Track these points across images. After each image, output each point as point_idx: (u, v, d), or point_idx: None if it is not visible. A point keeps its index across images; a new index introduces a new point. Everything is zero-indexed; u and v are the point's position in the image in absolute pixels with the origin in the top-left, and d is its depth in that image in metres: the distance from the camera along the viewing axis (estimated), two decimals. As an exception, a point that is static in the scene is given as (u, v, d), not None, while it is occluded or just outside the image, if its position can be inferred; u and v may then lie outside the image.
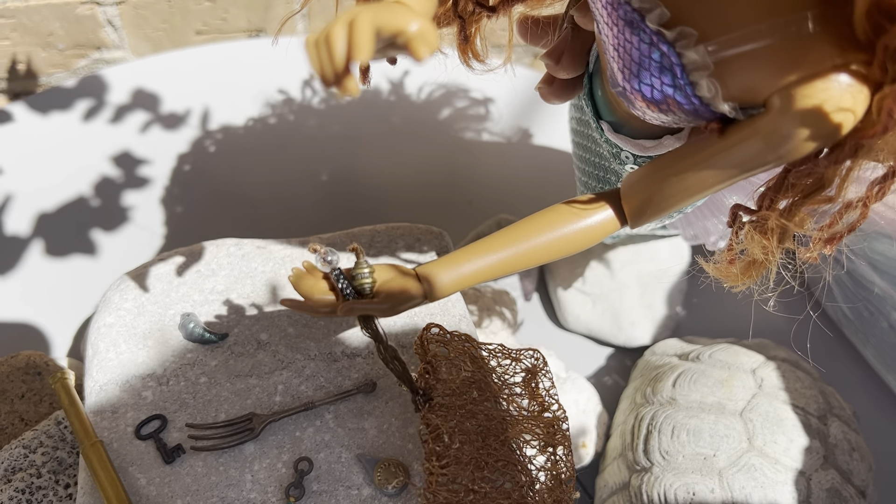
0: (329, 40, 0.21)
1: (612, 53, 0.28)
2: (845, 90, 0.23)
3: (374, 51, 0.21)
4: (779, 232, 0.29)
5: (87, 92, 0.65)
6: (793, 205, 0.28)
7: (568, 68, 0.36)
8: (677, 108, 0.27)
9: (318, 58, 0.21)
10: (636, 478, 0.45)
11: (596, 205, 0.33)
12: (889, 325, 0.53)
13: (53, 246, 0.57)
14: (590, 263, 0.58)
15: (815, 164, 0.26)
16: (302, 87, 0.68)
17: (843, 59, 0.23)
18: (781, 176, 0.28)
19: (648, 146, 0.35)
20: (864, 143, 0.24)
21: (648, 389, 0.49)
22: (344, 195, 0.63)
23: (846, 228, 0.28)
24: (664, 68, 0.26)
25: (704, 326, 0.58)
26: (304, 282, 0.33)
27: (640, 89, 0.27)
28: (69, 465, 0.40)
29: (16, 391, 0.45)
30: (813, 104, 0.24)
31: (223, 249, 0.43)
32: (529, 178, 0.64)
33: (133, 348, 0.39)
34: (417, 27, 0.20)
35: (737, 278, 0.32)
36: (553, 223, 0.34)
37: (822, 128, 0.24)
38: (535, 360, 0.39)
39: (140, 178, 0.62)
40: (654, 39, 0.26)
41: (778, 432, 0.44)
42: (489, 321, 0.53)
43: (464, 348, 0.38)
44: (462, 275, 0.33)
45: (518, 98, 0.69)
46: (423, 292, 0.34)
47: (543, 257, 0.34)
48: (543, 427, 0.37)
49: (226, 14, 0.72)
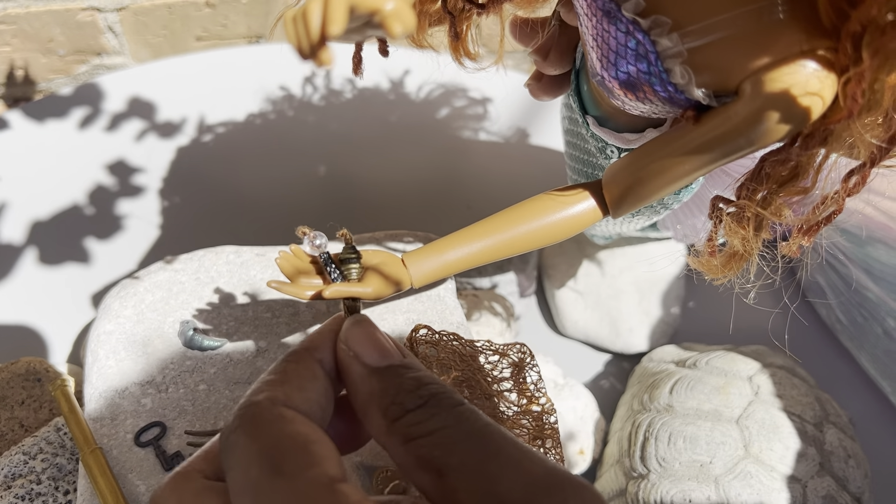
0: (305, 15, 0.22)
1: (592, 43, 0.29)
2: (812, 75, 0.24)
3: (347, 26, 0.21)
4: (755, 221, 0.30)
5: (86, 99, 0.66)
6: (769, 194, 0.29)
7: (555, 64, 0.38)
8: (653, 95, 0.28)
9: (295, 32, 0.22)
10: (633, 484, 0.45)
11: (578, 194, 0.35)
12: (883, 331, 0.53)
13: (52, 252, 0.58)
14: (588, 269, 0.58)
15: (788, 153, 0.27)
16: (301, 93, 0.68)
17: (809, 46, 0.24)
18: (758, 166, 0.29)
19: (632, 139, 0.36)
20: (833, 128, 0.25)
21: (645, 396, 0.49)
22: (342, 202, 0.63)
23: (823, 219, 0.29)
24: (640, 56, 0.27)
25: (702, 332, 0.58)
26: (291, 264, 0.34)
27: (617, 77, 0.29)
28: (69, 472, 0.40)
29: (16, 397, 0.45)
30: (781, 88, 0.25)
31: (222, 257, 0.44)
32: (529, 183, 0.64)
33: (132, 355, 0.39)
34: (392, 6, 0.21)
35: (718, 270, 0.33)
36: (536, 212, 0.35)
37: (791, 111, 0.25)
38: (522, 353, 0.39)
39: (139, 184, 0.62)
40: (629, 28, 0.27)
41: (774, 439, 0.44)
42: (487, 327, 0.53)
43: (453, 347, 0.38)
44: (447, 261, 0.35)
45: (517, 101, 0.69)
46: (409, 278, 0.35)
47: (527, 245, 0.35)
48: (532, 421, 0.37)
49: (226, 20, 0.73)
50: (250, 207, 0.62)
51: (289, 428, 0.20)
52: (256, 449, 0.19)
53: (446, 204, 0.64)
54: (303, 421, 0.21)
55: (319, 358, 0.24)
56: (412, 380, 0.22)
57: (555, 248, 0.60)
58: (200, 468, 0.21)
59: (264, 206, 0.62)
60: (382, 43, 0.33)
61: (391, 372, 0.23)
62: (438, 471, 0.20)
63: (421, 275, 0.35)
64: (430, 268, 0.35)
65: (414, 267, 0.35)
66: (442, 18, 0.35)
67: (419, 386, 0.22)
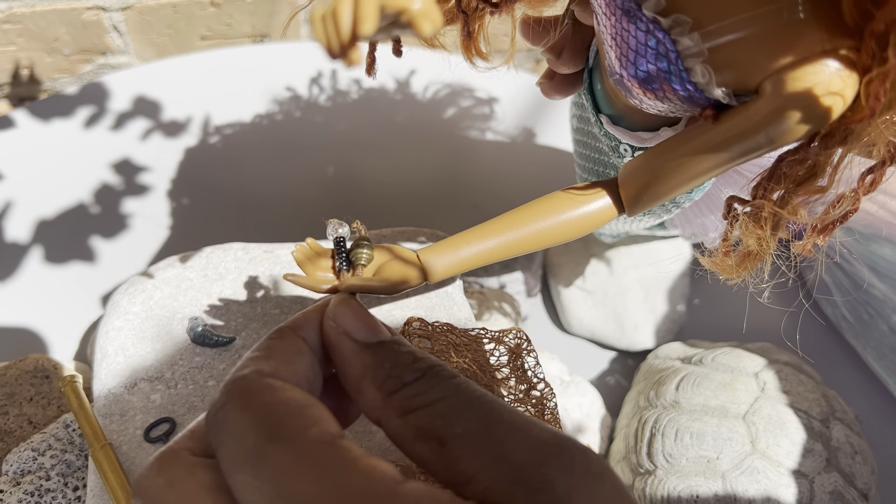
0: (336, 14, 0.22)
1: (610, 42, 0.29)
2: (834, 74, 0.24)
3: (378, 25, 0.22)
4: (772, 221, 0.30)
5: (91, 98, 0.66)
6: (786, 193, 0.29)
7: (568, 63, 0.38)
8: (672, 94, 0.28)
9: (325, 31, 0.22)
10: (640, 480, 0.45)
11: (594, 192, 0.35)
12: (889, 328, 0.53)
13: (58, 251, 0.58)
14: (593, 267, 0.58)
15: (806, 152, 0.27)
16: (307, 92, 0.68)
17: (832, 45, 0.24)
18: (775, 165, 0.29)
19: (646, 138, 0.36)
20: (854, 128, 0.25)
21: (652, 393, 0.49)
22: (349, 201, 0.63)
23: (839, 218, 0.29)
24: (660, 55, 0.27)
25: (707, 329, 0.58)
26: (307, 257, 0.34)
27: (637, 76, 0.28)
28: (78, 468, 0.41)
29: (24, 394, 0.45)
30: (803, 88, 0.25)
31: (230, 254, 0.44)
32: (536, 182, 0.65)
33: (141, 352, 0.39)
34: (420, 5, 0.21)
35: (732, 270, 0.33)
36: (552, 209, 0.35)
37: (812, 111, 0.25)
38: (519, 339, 0.39)
39: (146, 182, 0.62)
40: (650, 27, 0.27)
41: (781, 435, 0.44)
42: (495, 326, 0.54)
43: (447, 339, 0.38)
44: (461, 258, 0.35)
45: (524, 100, 0.70)
46: (423, 274, 0.35)
47: (542, 242, 0.35)
48: (531, 407, 0.37)
49: (230, 20, 0.73)
50: (257, 207, 0.62)
51: (280, 395, 0.20)
52: (249, 419, 0.19)
53: (453, 203, 0.64)
54: (292, 388, 0.20)
55: (303, 336, 0.23)
56: (407, 354, 0.22)
57: (561, 247, 0.60)
58: (187, 446, 0.21)
59: (271, 205, 0.62)
60: (396, 43, 0.33)
61: (385, 347, 0.22)
62: (440, 440, 0.19)
63: (436, 270, 0.35)
64: (446, 263, 0.35)
65: (429, 262, 0.35)
66: (455, 17, 0.35)
67: (415, 360, 0.22)
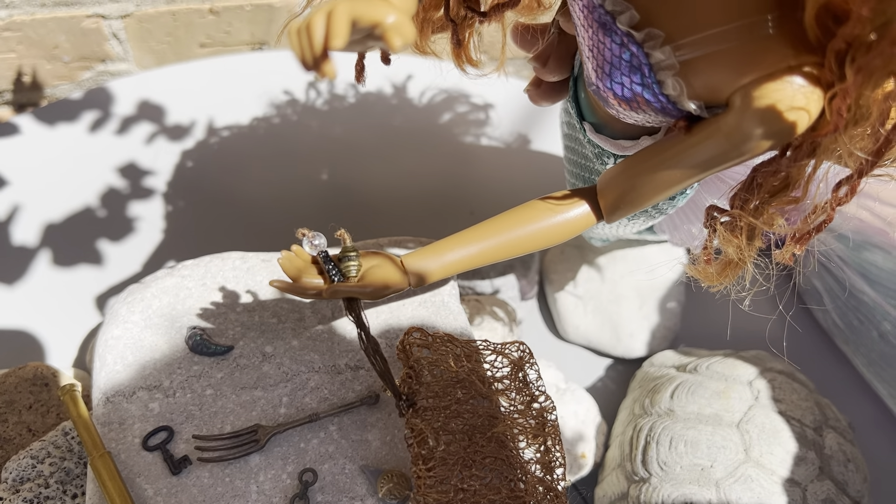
0: (309, 28, 0.22)
1: (588, 53, 0.30)
2: (798, 90, 0.25)
3: (349, 39, 0.22)
4: (748, 230, 0.30)
5: (94, 104, 0.66)
6: (761, 203, 0.30)
7: (554, 71, 0.39)
8: (646, 105, 0.29)
9: (299, 44, 0.23)
10: (634, 488, 0.46)
11: (572, 200, 0.36)
12: (879, 335, 0.54)
13: (58, 257, 0.58)
14: (589, 274, 0.59)
15: (779, 164, 0.28)
16: (304, 98, 0.69)
17: (797, 61, 0.25)
18: (750, 176, 0.29)
19: (627, 146, 0.37)
20: (820, 141, 0.26)
21: (647, 400, 0.50)
22: (346, 207, 0.64)
23: (814, 228, 0.30)
24: (633, 67, 0.28)
25: (702, 337, 0.59)
26: (293, 264, 0.35)
27: (612, 87, 0.29)
28: (76, 476, 0.41)
29: (23, 402, 0.45)
30: (768, 103, 0.25)
31: (228, 263, 0.44)
32: (530, 188, 0.65)
33: (140, 360, 0.40)
34: (393, 19, 0.22)
35: (714, 278, 0.34)
36: (530, 217, 0.36)
37: (777, 125, 0.26)
38: (522, 352, 0.39)
39: (145, 189, 0.63)
40: (624, 40, 0.27)
41: (774, 443, 0.44)
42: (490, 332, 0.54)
43: (447, 349, 0.38)
44: (444, 263, 0.36)
45: (518, 107, 0.70)
46: (407, 279, 0.36)
47: (522, 248, 0.36)
48: (532, 419, 0.37)
49: (229, 27, 0.73)
50: (254, 212, 0.62)
51: None
52: None
53: (449, 209, 0.64)
54: None
55: None
56: None
57: (556, 253, 0.60)
58: None
59: (268, 210, 0.63)
60: (384, 51, 0.34)
61: None
62: None
63: (418, 275, 0.36)
64: (428, 269, 0.36)
65: (412, 268, 0.36)
66: (444, 26, 0.36)
67: None
